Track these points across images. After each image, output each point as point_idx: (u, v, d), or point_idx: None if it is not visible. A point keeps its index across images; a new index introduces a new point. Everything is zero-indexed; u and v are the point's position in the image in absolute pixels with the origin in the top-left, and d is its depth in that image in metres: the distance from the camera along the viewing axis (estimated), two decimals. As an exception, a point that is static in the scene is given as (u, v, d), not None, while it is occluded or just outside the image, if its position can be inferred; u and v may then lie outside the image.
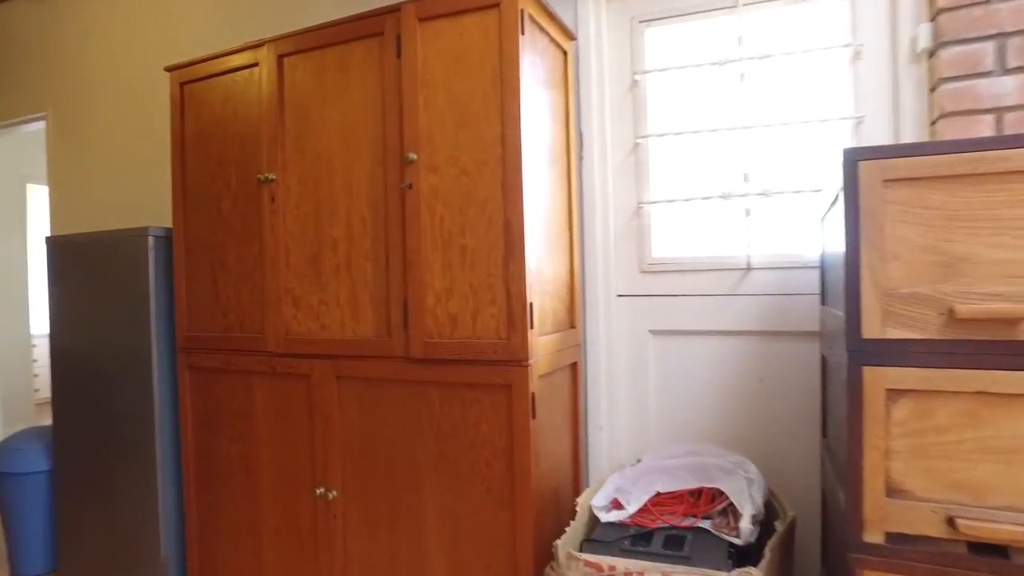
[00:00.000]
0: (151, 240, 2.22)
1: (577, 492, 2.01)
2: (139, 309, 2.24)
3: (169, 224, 2.93)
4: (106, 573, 2.40)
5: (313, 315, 1.95)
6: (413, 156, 1.74)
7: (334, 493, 1.91)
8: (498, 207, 1.65)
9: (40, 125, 3.48)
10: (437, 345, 1.73)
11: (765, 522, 1.59)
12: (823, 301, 1.70)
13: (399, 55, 1.77)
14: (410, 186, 1.75)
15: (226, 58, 2.08)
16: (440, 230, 1.73)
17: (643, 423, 2.09)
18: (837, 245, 1.27)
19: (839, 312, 1.22)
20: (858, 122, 1.81)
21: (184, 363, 2.22)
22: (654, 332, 2.07)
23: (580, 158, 2.08)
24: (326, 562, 1.93)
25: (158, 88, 3.00)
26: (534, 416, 1.64)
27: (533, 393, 1.64)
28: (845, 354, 1.10)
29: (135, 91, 3.07)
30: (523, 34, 1.64)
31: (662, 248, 2.08)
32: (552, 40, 1.88)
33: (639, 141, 2.08)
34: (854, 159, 1.08)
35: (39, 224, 4.24)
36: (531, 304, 1.64)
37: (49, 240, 2.50)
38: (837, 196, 1.26)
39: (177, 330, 2.23)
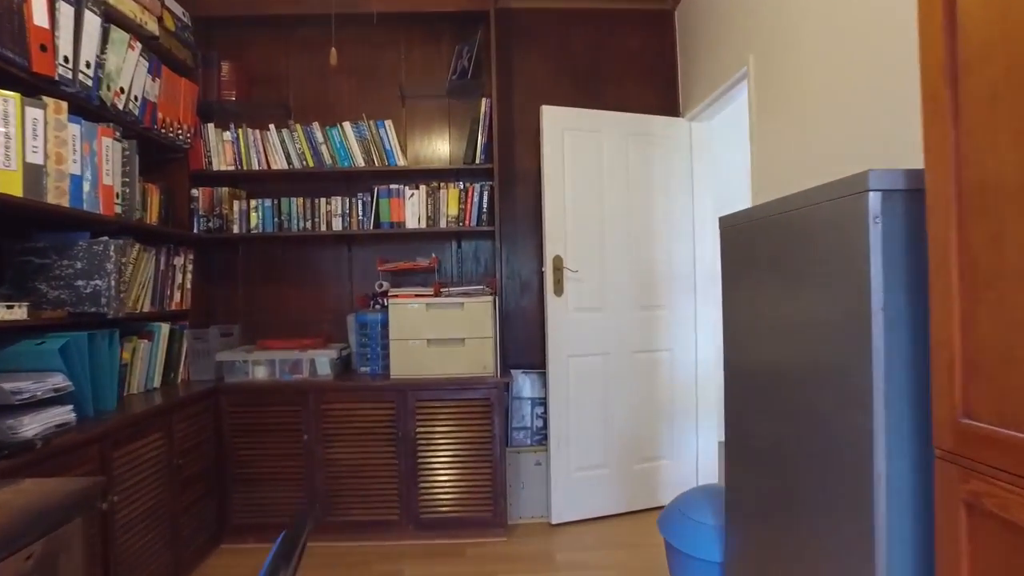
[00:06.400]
0: (872, 198, 1.02)
1: None
2: (853, 308, 1.08)
3: (912, 164, 1.44)
4: None
5: None
6: None
7: None
8: None
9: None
10: None
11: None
12: None
13: None
14: None
15: None
16: None
17: None
18: None
19: None
20: None
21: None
22: None
23: None
24: None
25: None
26: None
27: None
28: None
29: (847, 13, 1.89)
30: None
31: None
32: None
33: None
34: None
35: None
36: None
37: (723, 221, 1.63)
38: None
39: (933, 355, 0.96)
